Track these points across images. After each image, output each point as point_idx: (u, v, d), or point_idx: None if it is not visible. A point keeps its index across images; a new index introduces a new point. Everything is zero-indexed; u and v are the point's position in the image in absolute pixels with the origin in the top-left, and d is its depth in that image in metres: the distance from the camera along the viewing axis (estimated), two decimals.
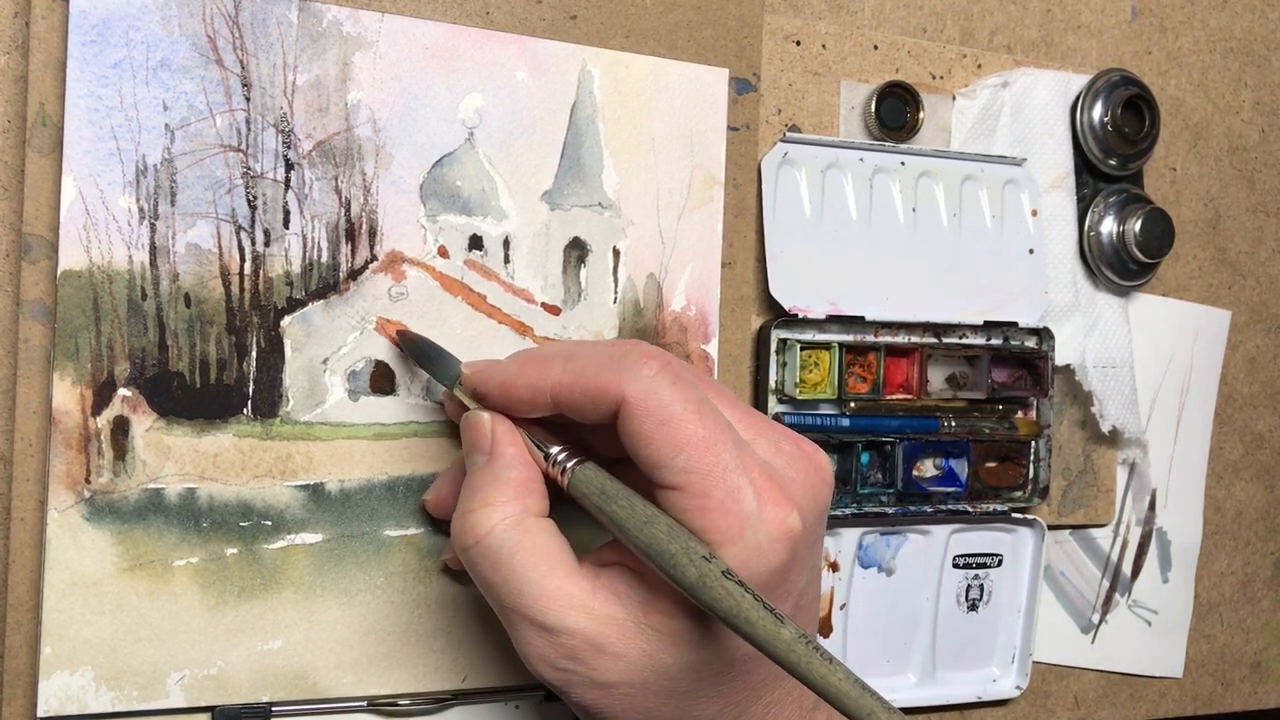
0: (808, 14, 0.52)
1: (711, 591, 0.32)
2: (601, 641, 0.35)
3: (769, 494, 0.34)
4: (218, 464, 0.40)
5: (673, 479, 0.34)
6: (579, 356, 0.36)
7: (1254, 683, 0.64)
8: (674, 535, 0.33)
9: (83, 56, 0.38)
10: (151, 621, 0.39)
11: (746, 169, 0.49)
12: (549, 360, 0.37)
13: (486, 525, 0.36)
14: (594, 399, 0.35)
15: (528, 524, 0.36)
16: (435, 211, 0.43)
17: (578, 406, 0.36)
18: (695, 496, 0.34)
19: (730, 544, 0.34)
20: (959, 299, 0.52)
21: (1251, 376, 0.63)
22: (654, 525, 0.34)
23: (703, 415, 0.34)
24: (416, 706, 0.43)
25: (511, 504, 0.36)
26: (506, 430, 0.38)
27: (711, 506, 0.34)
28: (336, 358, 0.42)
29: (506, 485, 0.37)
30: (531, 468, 0.37)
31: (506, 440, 0.37)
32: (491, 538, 0.36)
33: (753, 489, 0.34)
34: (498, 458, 0.37)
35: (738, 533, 0.34)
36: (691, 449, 0.34)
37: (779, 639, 0.31)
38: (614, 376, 0.35)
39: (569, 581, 0.35)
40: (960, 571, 0.53)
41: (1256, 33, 0.63)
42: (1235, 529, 0.63)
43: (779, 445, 0.37)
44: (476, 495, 0.37)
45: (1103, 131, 0.55)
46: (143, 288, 0.39)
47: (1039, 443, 0.53)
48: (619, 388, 0.34)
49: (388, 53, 0.42)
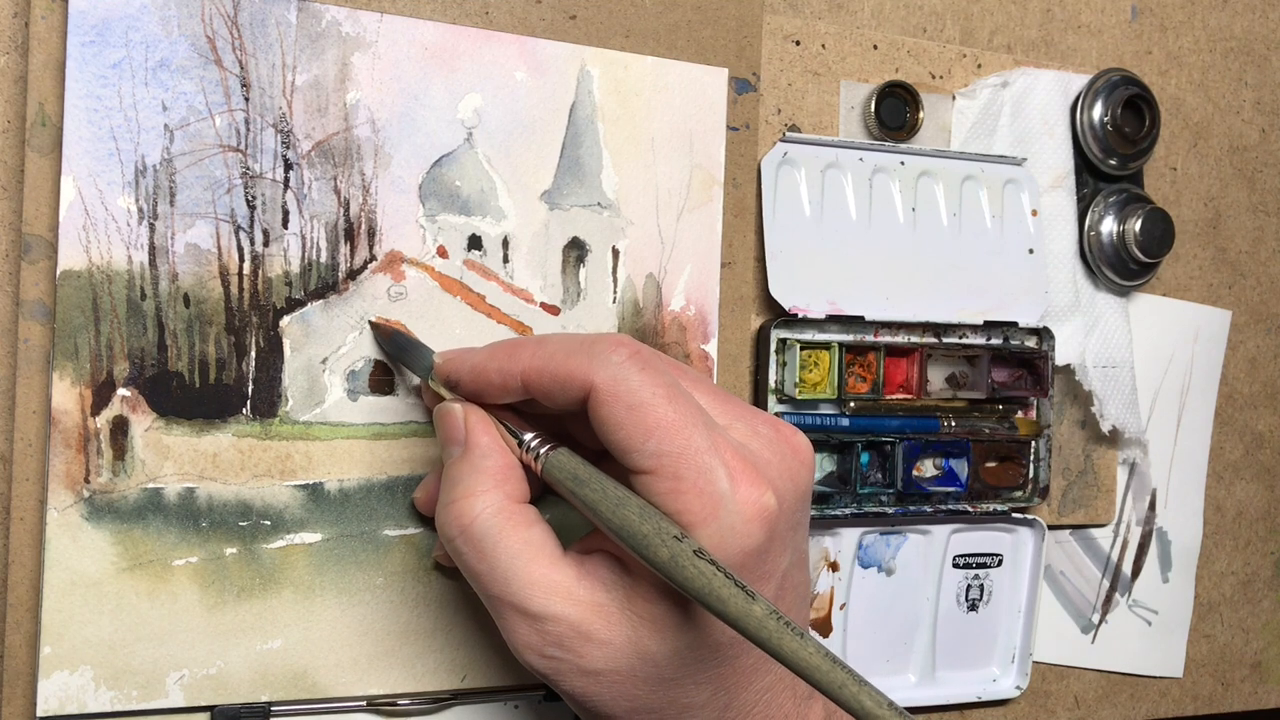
0: (808, 14, 0.52)
1: (684, 571, 0.32)
2: (587, 628, 0.35)
3: (743, 475, 0.34)
4: (217, 464, 0.40)
5: (644, 463, 0.34)
6: (549, 343, 0.36)
7: (1254, 683, 0.64)
8: (646, 516, 0.33)
9: (82, 57, 0.38)
10: (151, 621, 0.39)
11: (746, 169, 0.49)
12: (520, 346, 0.37)
13: (469, 515, 0.36)
14: (563, 384, 0.35)
15: (510, 511, 0.36)
16: (434, 211, 0.43)
17: (547, 391, 0.36)
18: (667, 479, 0.34)
19: (704, 525, 0.33)
20: (959, 299, 0.52)
21: (1251, 376, 0.63)
22: (625, 507, 0.34)
23: (672, 399, 0.34)
24: (416, 706, 0.43)
25: (491, 493, 0.36)
26: (479, 419, 0.38)
27: (684, 489, 0.34)
28: (335, 358, 0.42)
29: (484, 474, 0.37)
30: (508, 455, 0.37)
31: (480, 429, 0.37)
32: (475, 527, 0.36)
33: (725, 470, 0.34)
34: (473, 447, 0.37)
35: (711, 513, 0.33)
36: (662, 432, 0.34)
37: (749, 615, 0.31)
38: (583, 362, 0.35)
39: (554, 569, 0.35)
40: (960, 571, 0.53)
41: (1256, 33, 0.63)
42: (1235, 529, 0.63)
43: (755, 429, 0.37)
44: (457, 486, 0.37)
45: (1103, 131, 0.55)
46: (142, 288, 0.39)
47: (1039, 443, 0.53)
48: (587, 374, 0.35)
49: (387, 53, 0.42)
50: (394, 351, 0.42)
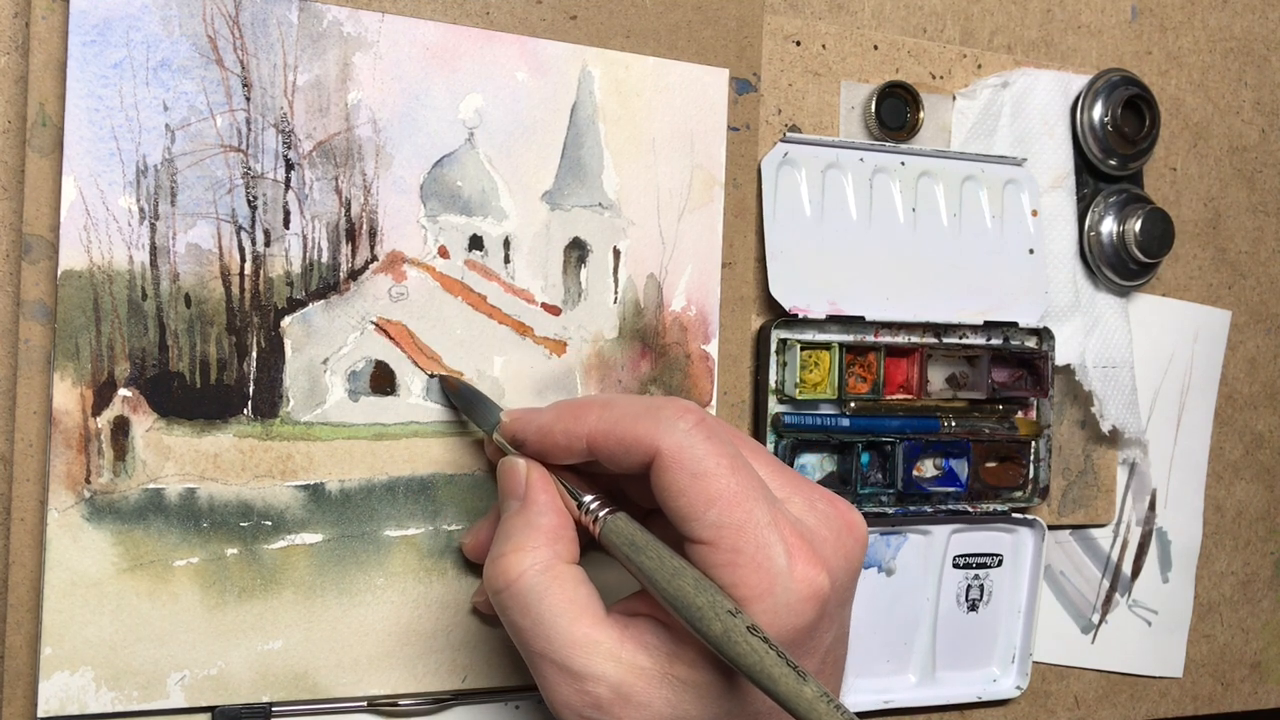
0: (808, 14, 0.52)
1: (736, 646, 0.32)
2: (628, 690, 0.35)
3: (800, 552, 0.34)
4: (218, 464, 0.40)
5: (704, 533, 0.34)
6: (615, 406, 0.37)
7: (1254, 683, 0.64)
8: (701, 589, 0.33)
9: (83, 57, 0.38)
10: (152, 622, 0.39)
11: (746, 169, 0.49)
12: (585, 408, 0.37)
13: (517, 570, 0.36)
14: (629, 448, 0.36)
15: (558, 570, 0.36)
16: (435, 212, 0.43)
17: (612, 455, 0.36)
18: (725, 551, 0.34)
19: (758, 600, 0.34)
20: (959, 299, 0.52)
21: (1251, 376, 0.63)
22: (681, 578, 0.34)
23: (736, 470, 0.35)
24: (416, 706, 0.43)
25: (542, 549, 0.37)
26: (540, 476, 0.38)
27: (742, 562, 0.34)
28: (337, 358, 0.42)
29: (538, 531, 0.37)
30: (564, 514, 0.38)
31: (540, 486, 0.38)
32: (522, 582, 0.36)
33: (784, 546, 0.34)
34: (531, 503, 0.38)
35: (766, 589, 0.34)
36: (724, 503, 0.34)
37: (800, 697, 0.32)
38: (650, 427, 0.35)
39: (597, 629, 0.35)
40: (960, 571, 0.53)
41: (1256, 33, 0.63)
42: (1235, 529, 0.63)
43: (813, 503, 0.37)
44: (509, 540, 0.37)
45: (1103, 131, 0.55)
46: (143, 288, 0.39)
47: (1039, 443, 0.53)
48: (654, 439, 0.35)
49: (388, 53, 0.42)
50: (460, 405, 0.43)
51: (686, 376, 0.47)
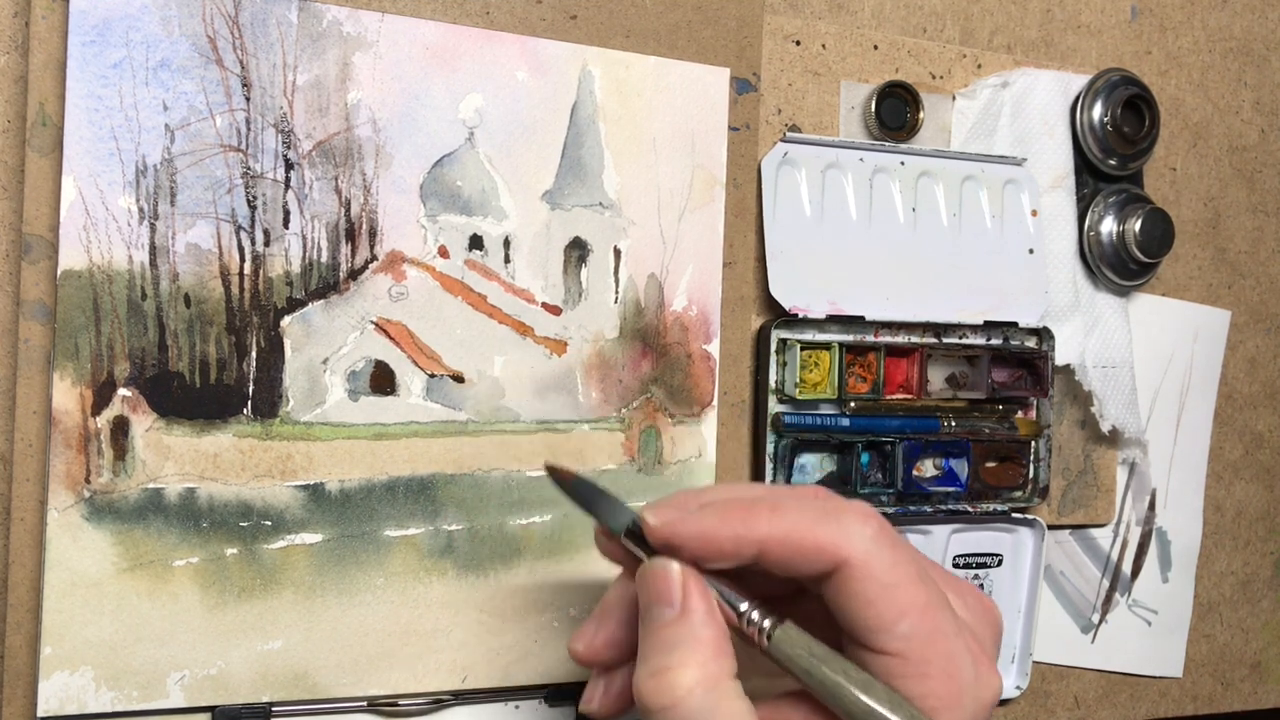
0: (808, 14, 0.52)
1: None
2: None
3: (981, 658, 0.34)
4: (218, 464, 0.40)
5: (893, 644, 0.33)
6: (787, 509, 0.34)
7: (1254, 683, 0.64)
8: (896, 704, 0.33)
9: (83, 56, 0.38)
10: (151, 621, 0.39)
11: (747, 169, 0.49)
12: (753, 512, 0.35)
13: (685, 687, 0.34)
14: (808, 556, 0.34)
15: (725, 688, 0.34)
16: (435, 211, 0.43)
17: (788, 563, 0.34)
18: (916, 663, 0.33)
19: (947, 711, 0.33)
20: (959, 299, 0.52)
21: (1251, 376, 0.63)
22: (872, 692, 0.33)
23: (923, 580, 0.34)
24: (416, 706, 0.43)
25: (709, 665, 0.34)
26: (698, 583, 0.35)
27: (932, 673, 0.33)
28: (336, 358, 0.42)
29: (703, 644, 0.34)
30: (723, 625, 0.35)
31: (698, 594, 0.35)
32: (690, 701, 0.34)
33: (970, 655, 0.34)
34: (690, 613, 0.35)
35: (955, 700, 0.33)
36: (916, 615, 0.33)
37: None
38: (833, 535, 0.34)
39: None
40: (960, 571, 0.53)
41: (1256, 33, 0.63)
42: (1235, 529, 0.63)
43: (964, 598, 0.36)
44: (672, 653, 0.34)
45: (1103, 131, 0.55)
46: (143, 288, 0.39)
47: (1039, 443, 0.53)
48: (839, 548, 0.33)
49: (388, 53, 0.42)
50: (577, 502, 0.38)
51: (687, 376, 0.47)
